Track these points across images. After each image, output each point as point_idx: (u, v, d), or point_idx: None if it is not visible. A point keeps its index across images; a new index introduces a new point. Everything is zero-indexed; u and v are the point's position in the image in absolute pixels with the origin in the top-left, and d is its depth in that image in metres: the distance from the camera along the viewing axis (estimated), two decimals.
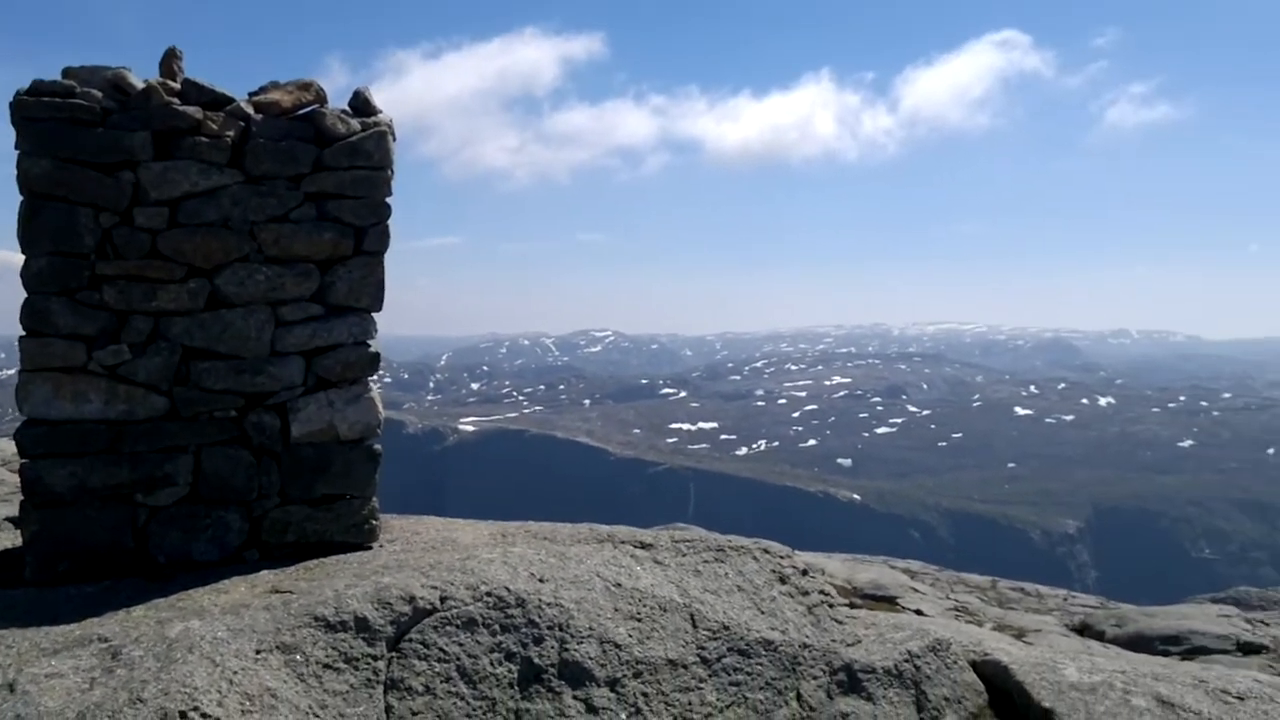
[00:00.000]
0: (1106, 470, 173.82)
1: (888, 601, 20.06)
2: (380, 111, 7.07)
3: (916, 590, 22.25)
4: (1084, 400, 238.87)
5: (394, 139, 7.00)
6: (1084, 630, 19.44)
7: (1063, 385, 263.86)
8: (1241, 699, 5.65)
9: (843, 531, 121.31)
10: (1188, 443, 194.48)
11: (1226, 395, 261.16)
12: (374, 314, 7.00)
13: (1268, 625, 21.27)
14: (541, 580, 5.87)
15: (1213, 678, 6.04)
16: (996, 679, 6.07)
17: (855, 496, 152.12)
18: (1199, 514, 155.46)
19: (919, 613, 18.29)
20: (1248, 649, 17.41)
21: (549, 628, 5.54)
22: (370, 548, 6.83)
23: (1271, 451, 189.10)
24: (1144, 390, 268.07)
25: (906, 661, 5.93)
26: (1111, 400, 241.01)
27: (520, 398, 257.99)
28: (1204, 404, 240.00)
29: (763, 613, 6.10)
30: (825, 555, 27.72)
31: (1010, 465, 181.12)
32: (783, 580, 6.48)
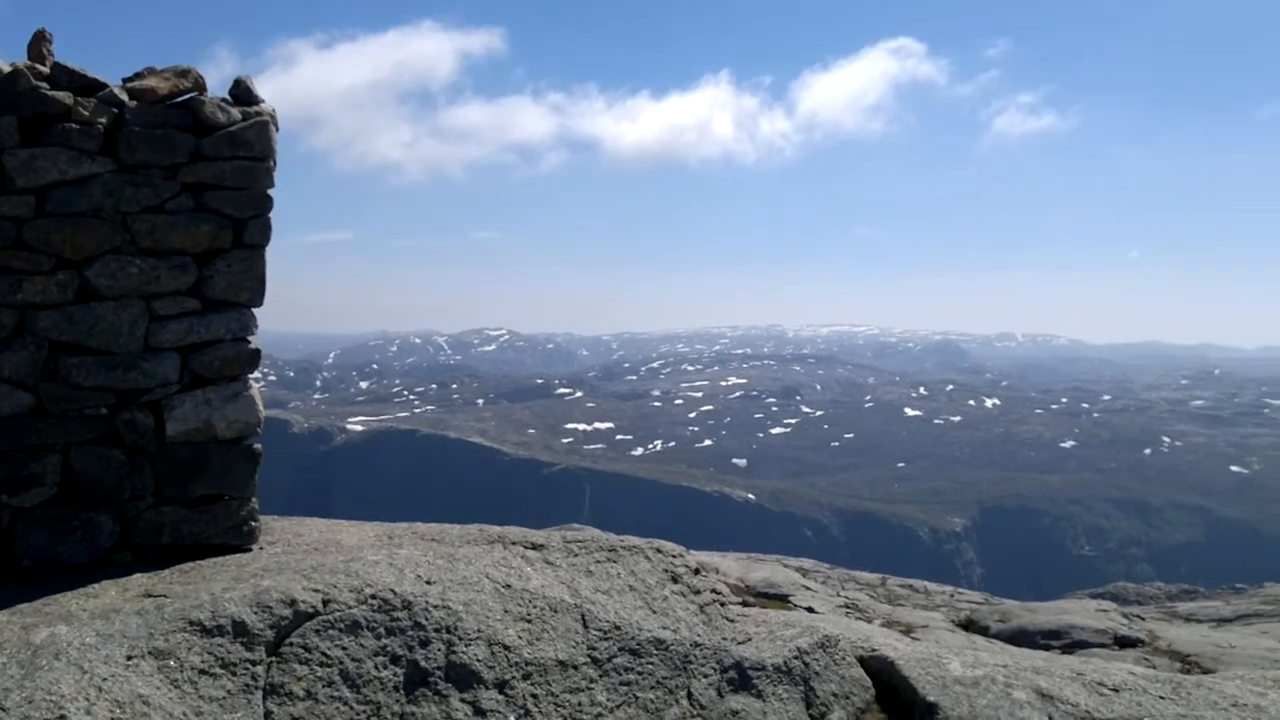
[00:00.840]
0: (992, 470, 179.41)
1: (780, 599, 20.36)
2: (262, 101, 6.89)
3: (808, 588, 22.63)
4: (971, 402, 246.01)
5: (277, 129, 6.84)
6: (969, 626, 20.01)
7: (951, 387, 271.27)
8: (1116, 691, 5.85)
9: (738, 531, 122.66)
10: (1069, 443, 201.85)
11: (1106, 397, 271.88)
12: (254, 309, 6.81)
13: (1143, 620, 22.17)
14: (429, 582, 5.79)
15: (1090, 671, 6.22)
16: (883, 674, 6.18)
17: (750, 496, 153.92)
18: (1080, 512, 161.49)
19: (810, 610, 18.61)
20: (1124, 643, 18.13)
21: (436, 630, 5.47)
22: (250, 550, 6.64)
23: (1148, 452, 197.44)
24: (1028, 392, 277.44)
25: (796, 658, 5.99)
26: (997, 402, 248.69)
27: (411, 397, 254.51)
28: (1085, 405, 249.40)
29: (654, 612, 6.09)
30: (720, 554, 27.98)
31: (900, 465, 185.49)
32: (675, 579, 6.49)
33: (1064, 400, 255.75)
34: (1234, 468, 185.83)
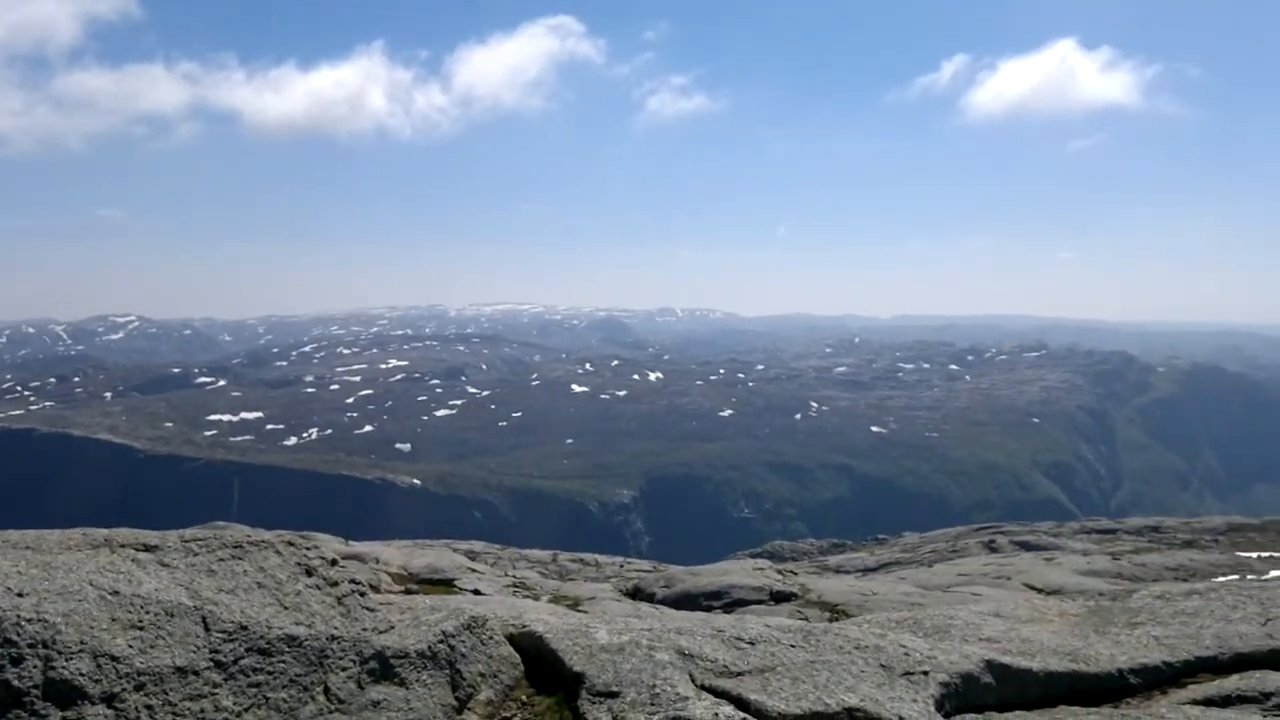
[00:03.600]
0: (657, 441, 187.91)
1: (446, 584, 20.10)
2: None
3: (475, 570, 22.56)
4: (635, 376, 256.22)
5: None
6: (636, 594, 20.71)
7: (616, 362, 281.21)
8: (752, 644, 6.19)
9: (404, 518, 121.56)
10: (727, 412, 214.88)
11: (760, 367, 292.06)
12: None
13: (796, 575, 23.86)
14: (20, 594, 5.28)
15: (728, 627, 6.58)
16: (533, 649, 6.31)
17: (415, 481, 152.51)
18: (739, 477, 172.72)
19: (477, 592, 18.49)
20: (780, 597, 19.40)
21: (30, 646, 4.98)
22: None
23: (799, 417, 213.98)
24: (689, 365, 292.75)
25: (441, 642, 5.98)
26: (660, 375, 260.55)
27: (26, 393, 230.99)
28: (741, 376, 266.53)
29: (286, 608, 5.85)
30: (383, 543, 27.40)
31: (569, 441, 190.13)
32: (309, 573, 6.21)
33: (722, 371, 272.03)
34: (874, 428, 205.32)
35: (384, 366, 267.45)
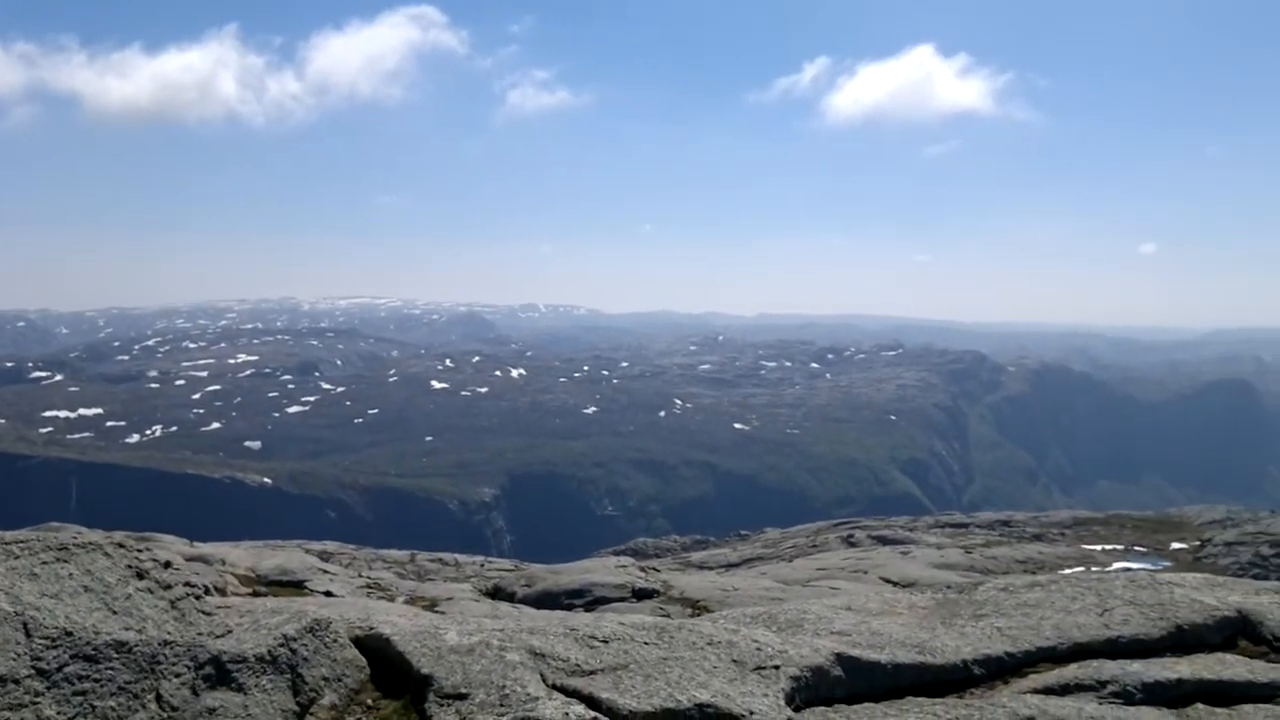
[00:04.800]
0: (519, 439, 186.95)
1: (295, 586, 19.62)
2: None
3: (327, 572, 22.08)
4: (497, 372, 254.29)
5: None
6: (496, 593, 20.58)
7: (477, 358, 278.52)
8: (606, 642, 6.22)
9: (253, 517, 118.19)
10: (591, 409, 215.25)
11: (624, 364, 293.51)
12: None
13: (659, 572, 24.07)
14: None
15: (582, 625, 6.59)
16: (380, 651, 6.21)
17: (266, 480, 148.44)
18: (603, 474, 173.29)
19: (329, 594, 18.10)
20: (642, 595, 19.54)
21: None
22: None
23: (663, 414, 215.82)
24: (552, 361, 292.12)
25: (282, 646, 5.81)
26: (523, 371, 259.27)
27: None
28: (605, 373, 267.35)
29: (115, 613, 5.61)
30: (231, 544, 26.59)
31: (428, 439, 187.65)
32: (140, 575, 5.96)
33: (586, 368, 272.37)
34: (737, 425, 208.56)
35: (232, 361, 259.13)
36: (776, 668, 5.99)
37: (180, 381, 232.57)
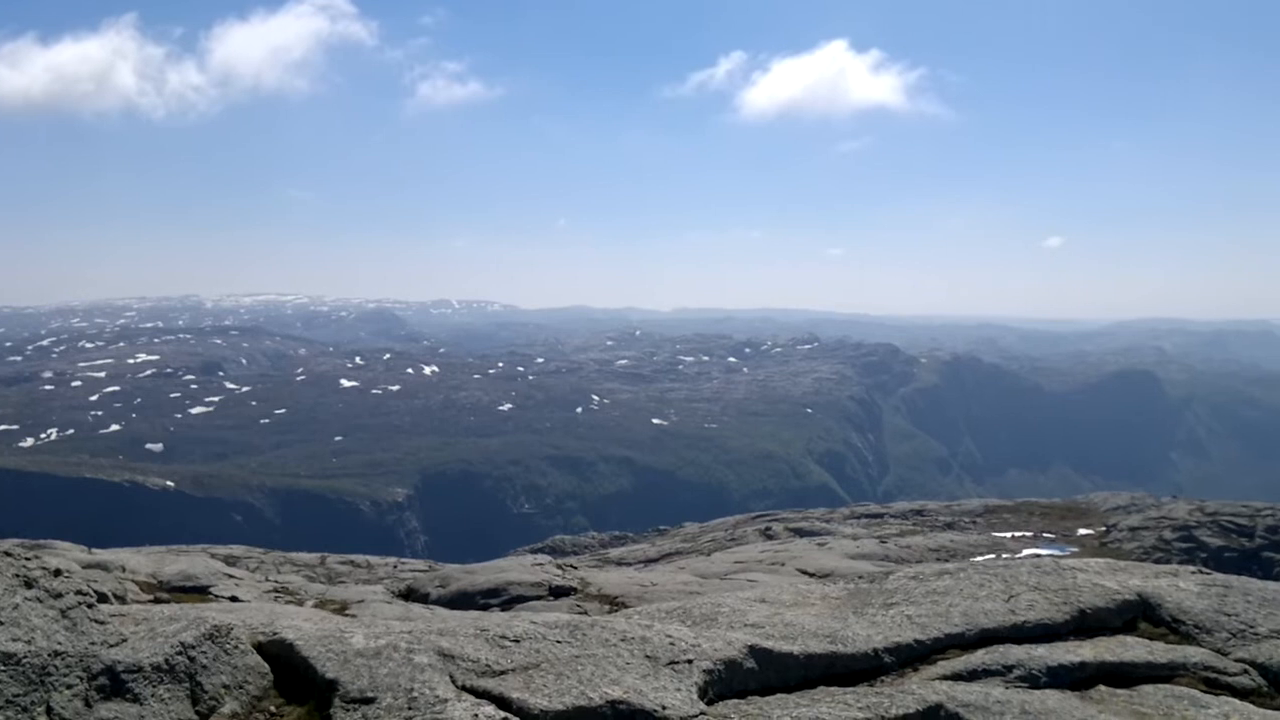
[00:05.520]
0: (433, 437, 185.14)
1: (200, 591, 19.22)
2: None
3: (233, 576, 21.66)
4: (409, 370, 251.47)
5: None
6: (409, 595, 20.37)
7: (388, 356, 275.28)
8: (517, 641, 6.20)
9: (156, 522, 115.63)
10: (507, 406, 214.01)
11: (540, 360, 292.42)
12: None
13: (576, 569, 24.04)
14: None
15: (493, 625, 6.55)
16: (284, 657, 6.10)
17: (169, 483, 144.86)
18: (519, 472, 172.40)
19: (234, 599, 17.76)
20: (559, 592, 19.50)
21: None
22: None
23: (580, 410, 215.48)
24: (466, 358, 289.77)
25: (179, 654, 5.68)
26: (436, 369, 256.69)
27: None
28: (520, 369, 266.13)
29: (2, 623, 5.38)
30: (132, 550, 25.91)
31: (338, 438, 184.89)
32: (29, 584, 5.76)
33: (501, 365, 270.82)
34: (655, 420, 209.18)
35: (132, 361, 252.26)
36: (690, 662, 6.03)
37: (77, 383, 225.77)
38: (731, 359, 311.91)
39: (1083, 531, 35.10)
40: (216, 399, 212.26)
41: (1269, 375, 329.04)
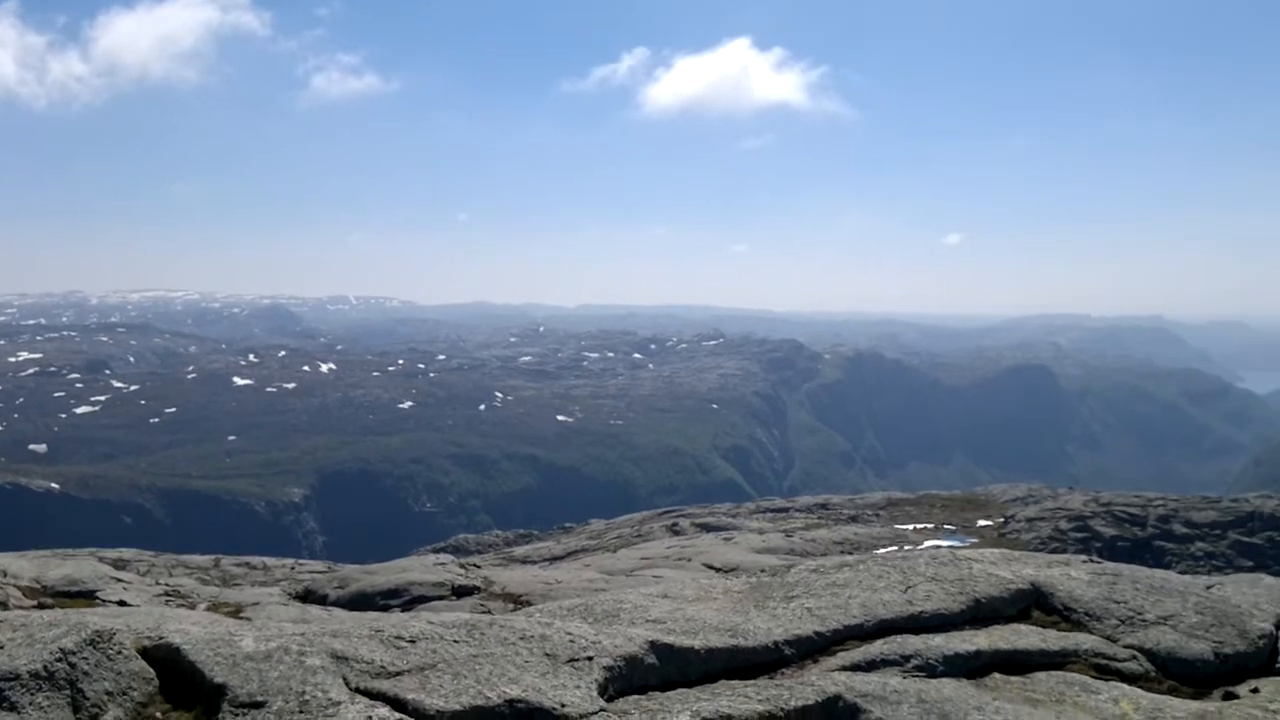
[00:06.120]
0: (330, 436, 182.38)
1: (86, 596, 18.66)
2: None
3: (121, 580, 21.06)
4: (306, 367, 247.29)
5: None
6: (307, 596, 20.03)
7: (283, 353, 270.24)
8: (413, 641, 6.13)
9: (41, 525, 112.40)
10: (407, 404, 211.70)
11: (441, 357, 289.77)
12: None
13: (479, 568, 23.90)
14: None
15: (389, 626, 6.47)
16: (170, 662, 5.95)
17: (53, 485, 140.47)
18: (421, 471, 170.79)
19: (122, 604, 17.27)
20: (462, 592, 19.37)
21: None
22: None
23: (483, 408, 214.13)
24: (364, 355, 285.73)
25: (59, 661, 5.51)
26: (333, 366, 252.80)
27: None
28: (421, 366, 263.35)
29: None
30: (14, 554, 25.02)
31: (231, 438, 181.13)
32: None
33: (401, 362, 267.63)
34: (560, 417, 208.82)
35: (13, 360, 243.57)
36: (590, 659, 6.04)
37: None
38: (637, 355, 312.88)
39: (982, 523, 36.00)
40: (103, 398, 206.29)
41: (1161, 370, 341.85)
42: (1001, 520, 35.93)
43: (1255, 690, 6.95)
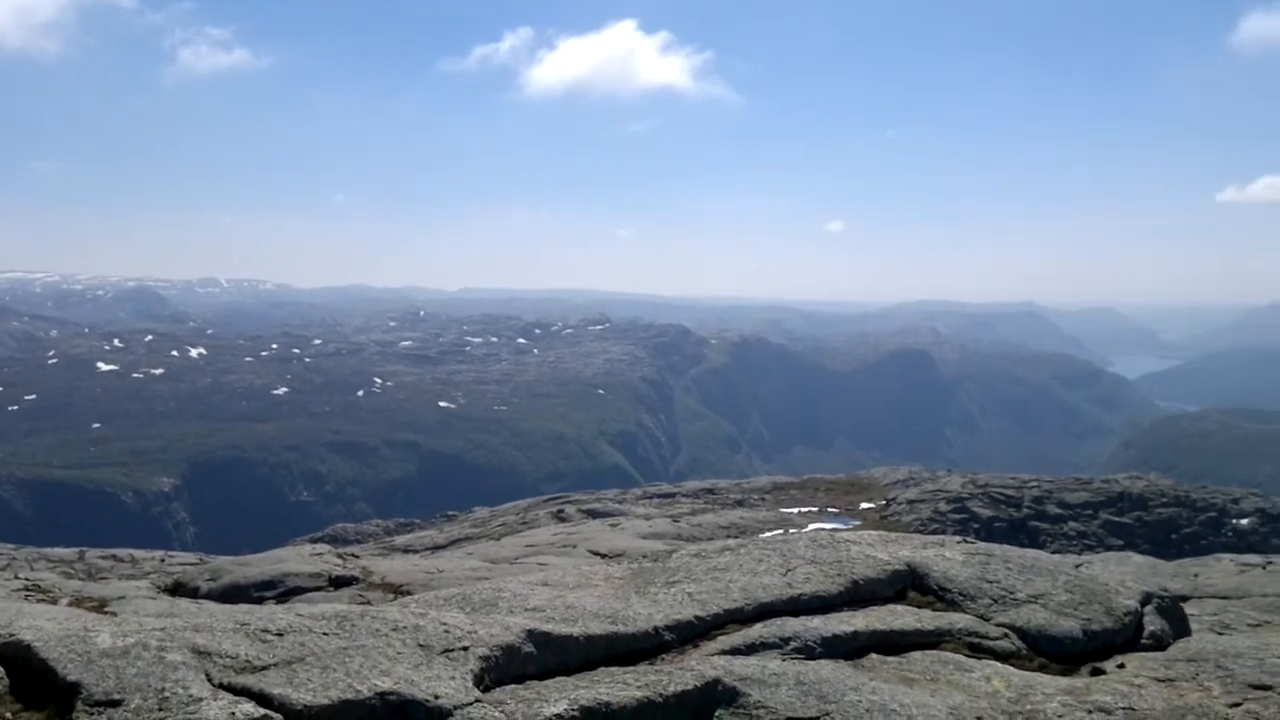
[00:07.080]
0: (201, 423, 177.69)
1: None
2: None
3: None
4: (174, 352, 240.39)
5: None
6: (178, 589, 19.46)
7: (150, 337, 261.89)
8: (280, 635, 6.03)
9: None
10: (282, 389, 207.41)
11: (317, 342, 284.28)
12: None
13: (358, 558, 23.53)
14: None
15: (255, 619, 6.33)
16: (20, 659, 5.78)
17: None
18: (296, 459, 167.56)
19: None
20: (340, 583, 19.02)
21: None
22: None
23: (361, 393, 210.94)
24: (236, 340, 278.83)
25: None
26: (203, 351, 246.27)
27: None
28: (296, 351, 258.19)
29: None
30: None
31: (95, 426, 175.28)
32: None
33: (274, 347, 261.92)
34: (442, 403, 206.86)
35: None
36: (465, 649, 5.99)
37: None
38: (521, 340, 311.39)
39: (865, 505, 36.82)
40: None
41: (1033, 355, 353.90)
42: (883, 503, 36.80)
43: (1121, 665, 7.23)
